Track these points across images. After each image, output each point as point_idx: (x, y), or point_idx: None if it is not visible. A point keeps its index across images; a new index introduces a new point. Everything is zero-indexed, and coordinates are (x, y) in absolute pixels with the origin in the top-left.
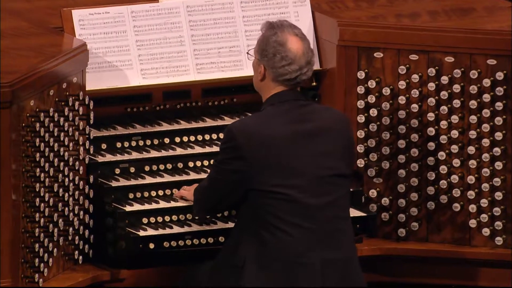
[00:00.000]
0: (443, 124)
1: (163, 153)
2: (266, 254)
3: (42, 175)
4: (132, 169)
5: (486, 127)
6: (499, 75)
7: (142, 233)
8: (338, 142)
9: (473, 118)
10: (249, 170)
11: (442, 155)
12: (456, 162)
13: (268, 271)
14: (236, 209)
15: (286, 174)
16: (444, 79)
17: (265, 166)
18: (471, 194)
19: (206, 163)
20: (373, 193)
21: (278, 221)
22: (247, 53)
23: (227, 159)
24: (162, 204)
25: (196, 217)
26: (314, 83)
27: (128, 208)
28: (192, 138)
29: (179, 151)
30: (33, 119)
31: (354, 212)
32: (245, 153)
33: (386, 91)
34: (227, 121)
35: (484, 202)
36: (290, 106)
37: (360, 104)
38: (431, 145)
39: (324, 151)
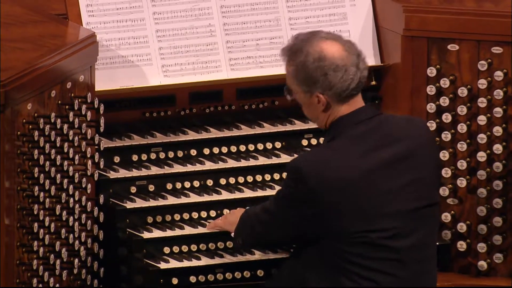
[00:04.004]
0: None
1: (189, 167)
2: None
3: (42, 194)
4: (152, 187)
5: None
6: None
7: (163, 265)
8: (428, 163)
9: None
10: (324, 218)
11: None
12: None
13: None
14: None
15: (370, 217)
16: None
17: (344, 212)
18: None
19: (241, 179)
20: (446, 217)
21: (360, 269)
22: (286, 93)
23: (296, 202)
24: (188, 230)
25: (234, 246)
26: (373, 82)
27: (146, 235)
28: (224, 149)
29: (209, 165)
30: (30, 126)
31: None
32: (319, 198)
33: (463, 91)
34: (267, 128)
35: None
36: (365, 128)
37: (431, 107)
38: None
39: (414, 178)
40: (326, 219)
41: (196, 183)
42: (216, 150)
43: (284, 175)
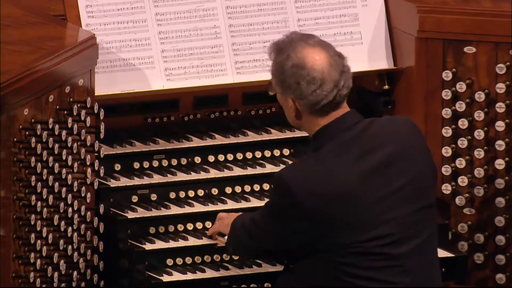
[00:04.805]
0: None
1: (193, 176)
2: None
3: (39, 204)
4: (154, 196)
5: None
6: None
7: (166, 278)
8: (419, 162)
9: None
10: (319, 231)
11: None
12: None
13: None
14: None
15: (365, 227)
16: None
17: (339, 224)
18: None
19: (247, 188)
20: (463, 227)
21: (359, 280)
22: (268, 88)
23: (287, 216)
24: (192, 241)
25: (235, 257)
26: (386, 86)
27: (148, 246)
28: (230, 156)
29: (214, 173)
30: (27, 132)
31: (439, 252)
32: (309, 212)
33: (480, 96)
34: (274, 134)
35: None
36: (351, 135)
37: (446, 113)
38: None
39: (408, 180)
40: (320, 232)
41: (201, 192)
42: (221, 157)
43: None
